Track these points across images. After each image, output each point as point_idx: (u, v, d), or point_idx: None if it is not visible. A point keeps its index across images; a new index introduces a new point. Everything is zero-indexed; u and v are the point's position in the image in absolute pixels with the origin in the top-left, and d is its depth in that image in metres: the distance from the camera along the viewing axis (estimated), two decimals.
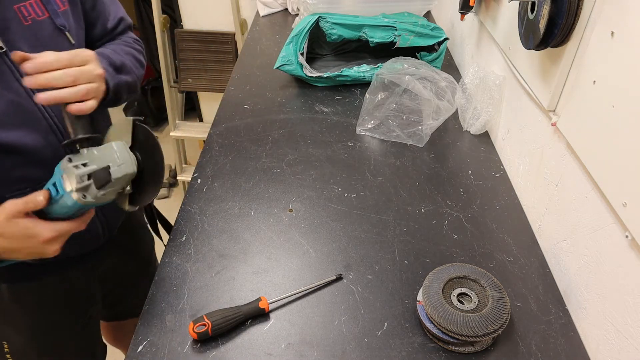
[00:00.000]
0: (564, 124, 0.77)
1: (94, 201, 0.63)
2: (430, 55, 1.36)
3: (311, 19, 1.30)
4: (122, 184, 0.65)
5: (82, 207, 0.64)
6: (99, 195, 0.62)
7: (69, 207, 0.63)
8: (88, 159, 0.63)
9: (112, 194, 0.65)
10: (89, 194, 0.62)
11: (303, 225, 0.89)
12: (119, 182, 0.64)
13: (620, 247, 0.63)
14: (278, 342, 0.69)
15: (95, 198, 0.62)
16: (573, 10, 0.70)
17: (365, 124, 1.14)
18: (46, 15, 0.72)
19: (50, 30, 0.72)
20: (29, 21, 0.69)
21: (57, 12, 0.73)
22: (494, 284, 0.71)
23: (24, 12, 0.69)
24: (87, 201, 0.62)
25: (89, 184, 0.61)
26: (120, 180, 0.64)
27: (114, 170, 0.63)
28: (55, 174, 0.64)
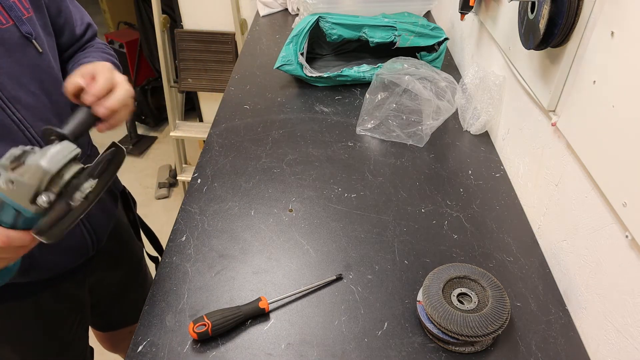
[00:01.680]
0: (564, 124, 0.77)
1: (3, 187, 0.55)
2: (430, 55, 1.36)
3: (311, 19, 1.30)
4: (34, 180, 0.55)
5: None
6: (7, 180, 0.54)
7: None
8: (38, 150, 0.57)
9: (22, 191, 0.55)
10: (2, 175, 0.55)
11: (303, 225, 0.89)
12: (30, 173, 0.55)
13: (620, 247, 0.63)
14: (278, 342, 0.69)
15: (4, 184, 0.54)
16: (573, 10, 0.70)
17: (365, 124, 1.14)
18: (10, 22, 0.68)
19: (15, 38, 0.69)
20: None
21: (21, 19, 0.70)
22: (494, 284, 0.71)
23: None
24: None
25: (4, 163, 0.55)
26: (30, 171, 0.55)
27: (33, 158, 0.55)
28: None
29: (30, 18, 0.72)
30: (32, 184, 0.55)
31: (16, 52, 0.69)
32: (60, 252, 0.83)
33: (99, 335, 1.25)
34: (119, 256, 1.08)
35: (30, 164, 0.54)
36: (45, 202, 0.56)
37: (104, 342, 1.28)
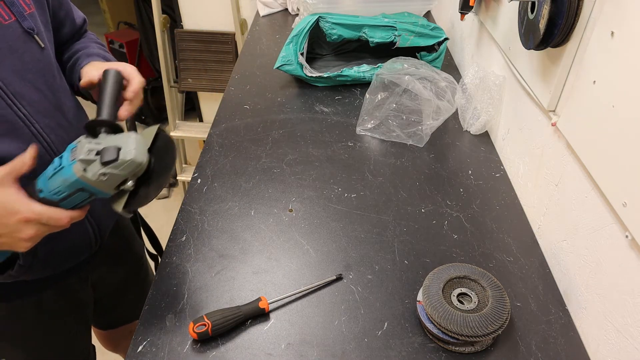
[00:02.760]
0: (564, 124, 0.77)
1: (92, 180, 0.59)
2: (430, 55, 1.36)
3: (311, 19, 1.30)
4: (126, 172, 0.60)
5: (78, 185, 0.60)
6: (99, 173, 0.59)
7: (64, 181, 0.60)
8: (103, 141, 0.61)
9: (112, 181, 0.60)
10: (91, 168, 0.59)
11: (303, 225, 0.89)
12: (124, 166, 0.59)
13: (620, 247, 0.63)
14: (278, 342, 0.69)
15: (95, 177, 0.59)
16: (573, 10, 0.70)
17: (365, 124, 1.14)
18: (12, 18, 0.68)
19: (18, 34, 0.69)
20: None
21: (23, 14, 0.70)
22: (494, 284, 0.71)
23: None
24: (86, 176, 0.59)
25: (95, 159, 0.59)
26: (127, 165, 0.59)
27: (124, 152, 0.59)
28: (67, 149, 0.62)
29: (32, 14, 0.72)
30: (124, 175, 0.60)
31: (19, 48, 0.69)
32: (65, 247, 0.83)
33: (99, 334, 1.24)
34: (121, 253, 1.08)
35: (124, 159, 0.59)
36: (131, 185, 0.62)
37: (105, 341, 1.27)
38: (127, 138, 0.61)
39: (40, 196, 0.62)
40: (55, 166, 0.61)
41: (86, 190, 0.61)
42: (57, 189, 0.61)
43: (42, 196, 0.62)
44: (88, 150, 0.59)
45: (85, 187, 0.60)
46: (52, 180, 0.61)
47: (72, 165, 0.59)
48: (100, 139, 0.62)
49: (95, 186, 0.60)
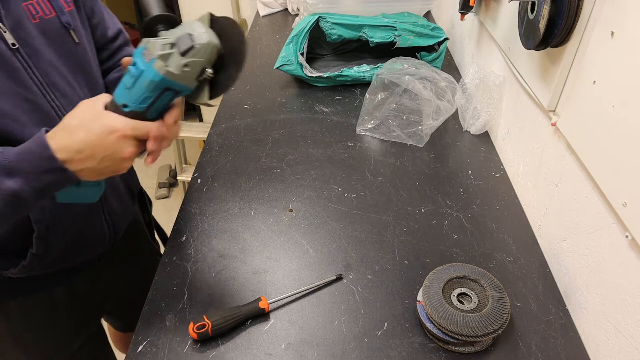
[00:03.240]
0: (564, 124, 0.77)
1: (177, 73, 0.57)
2: (430, 55, 1.36)
3: (311, 19, 1.30)
4: (205, 56, 0.59)
5: (164, 84, 0.58)
6: (182, 65, 0.57)
7: (148, 84, 0.58)
8: (170, 35, 0.59)
9: (194, 70, 0.59)
10: (172, 62, 0.57)
11: (303, 225, 0.89)
12: (203, 51, 0.58)
13: (620, 247, 0.63)
14: (278, 342, 0.69)
15: (178, 69, 0.57)
16: (573, 10, 0.70)
17: (365, 124, 1.14)
18: (53, 14, 0.71)
19: (57, 27, 0.72)
20: (37, 19, 0.69)
21: (63, 10, 0.73)
22: (494, 284, 0.71)
23: (32, 10, 0.68)
24: (170, 71, 0.57)
25: (172, 52, 0.57)
26: (205, 49, 0.58)
27: (197, 37, 0.57)
28: (135, 55, 0.60)
29: (71, 11, 0.75)
30: (203, 62, 0.59)
31: (57, 42, 0.72)
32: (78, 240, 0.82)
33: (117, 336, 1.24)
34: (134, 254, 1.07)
35: (201, 43, 0.57)
36: (210, 73, 0.60)
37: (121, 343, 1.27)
38: (191, 25, 0.59)
39: (126, 111, 0.60)
40: (132, 74, 0.59)
41: (171, 89, 0.60)
42: (142, 96, 0.59)
43: (128, 110, 0.60)
44: (161, 44, 0.57)
45: (171, 84, 0.59)
46: (135, 89, 0.59)
47: (152, 65, 0.57)
48: (164, 35, 0.59)
49: (180, 80, 0.59)
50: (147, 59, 0.58)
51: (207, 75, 0.60)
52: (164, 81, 0.58)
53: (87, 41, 0.79)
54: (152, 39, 0.58)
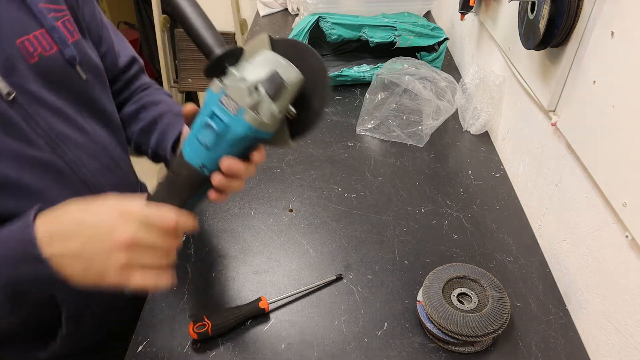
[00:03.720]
0: (564, 124, 0.77)
1: (269, 123, 0.48)
2: (430, 55, 1.36)
3: (311, 19, 1.30)
4: (291, 97, 0.50)
5: (255, 134, 0.48)
6: (274, 112, 0.48)
7: (239, 140, 0.49)
8: (246, 75, 0.48)
9: (282, 111, 0.49)
10: (264, 110, 0.47)
11: (303, 225, 0.89)
12: (291, 91, 0.49)
13: (620, 247, 0.63)
14: (278, 342, 0.69)
15: (270, 118, 0.48)
16: (573, 10, 0.70)
17: (365, 124, 1.14)
18: (54, 48, 0.60)
19: (60, 65, 0.61)
20: (35, 57, 0.58)
21: (66, 42, 0.61)
22: (494, 284, 0.71)
23: (29, 48, 0.57)
24: (262, 121, 0.47)
25: (260, 98, 0.47)
26: (294, 88, 0.49)
27: (285, 74, 0.48)
28: (208, 104, 0.49)
29: (76, 42, 0.64)
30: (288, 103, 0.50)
31: (59, 82, 0.62)
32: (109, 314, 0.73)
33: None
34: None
35: (292, 81, 0.48)
36: (294, 112, 0.51)
37: None
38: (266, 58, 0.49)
39: (206, 174, 0.51)
40: (215, 131, 0.49)
41: (258, 139, 0.50)
42: (225, 153, 0.50)
43: (207, 173, 0.51)
44: (247, 90, 0.47)
45: (261, 135, 0.49)
46: (219, 148, 0.50)
47: (242, 117, 0.47)
48: (237, 74, 0.49)
49: (269, 130, 0.49)
50: (231, 110, 0.48)
51: (290, 114, 0.51)
52: (257, 133, 0.48)
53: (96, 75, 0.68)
54: (229, 82, 0.48)
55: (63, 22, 0.61)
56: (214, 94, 0.49)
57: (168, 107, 0.77)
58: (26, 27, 0.57)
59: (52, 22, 0.59)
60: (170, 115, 0.76)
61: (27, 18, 0.57)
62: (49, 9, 0.60)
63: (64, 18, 0.62)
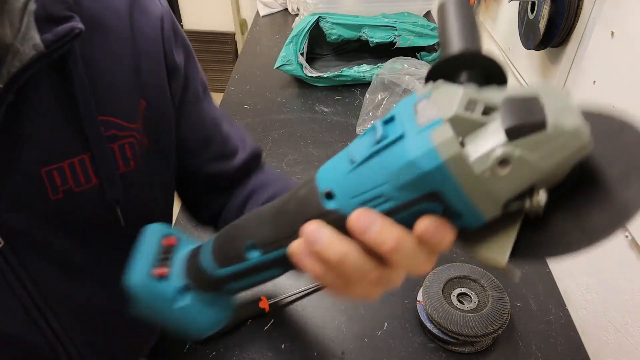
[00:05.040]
0: None
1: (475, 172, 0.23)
2: (430, 55, 1.36)
3: (311, 19, 1.30)
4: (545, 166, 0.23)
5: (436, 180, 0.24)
6: (495, 157, 0.22)
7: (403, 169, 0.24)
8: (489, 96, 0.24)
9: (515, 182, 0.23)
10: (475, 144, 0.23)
11: None
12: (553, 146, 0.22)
13: (620, 247, 0.63)
14: (278, 342, 0.69)
15: (482, 163, 0.23)
16: (573, 10, 0.70)
17: (365, 124, 1.14)
18: (93, 182, 0.43)
19: (91, 204, 0.43)
20: (59, 194, 0.41)
21: (114, 176, 0.43)
22: (494, 284, 0.71)
23: (56, 180, 0.41)
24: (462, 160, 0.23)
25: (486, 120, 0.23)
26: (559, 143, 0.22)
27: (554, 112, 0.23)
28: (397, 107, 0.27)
29: (132, 172, 0.46)
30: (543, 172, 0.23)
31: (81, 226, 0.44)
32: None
33: None
34: None
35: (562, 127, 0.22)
36: (540, 203, 0.24)
37: None
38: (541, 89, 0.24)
39: (327, 209, 0.29)
40: (374, 138, 0.26)
41: (441, 199, 0.25)
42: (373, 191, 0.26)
43: (330, 209, 0.29)
44: (465, 99, 0.24)
45: (446, 189, 0.24)
46: (365, 173, 0.27)
47: (427, 133, 0.24)
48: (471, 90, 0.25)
49: (470, 190, 0.24)
50: (421, 119, 0.25)
51: (533, 205, 0.24)
52: (436, 175, 0.23)
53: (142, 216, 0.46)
54: (447, 85, 0.26)
55: (122, 145, 0.44)
56: (412, 98, 0.27)
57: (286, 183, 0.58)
58: (64, 151, 0.41)
59: (105, 147, 0.42)
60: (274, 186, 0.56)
61: (72, 137, 0.41)
62: (111, 123, 0.43)
63: (128, 140, 0.44)
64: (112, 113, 0.43)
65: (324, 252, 0.27)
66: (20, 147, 0.38)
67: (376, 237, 0.26)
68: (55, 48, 0.36)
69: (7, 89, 0.35)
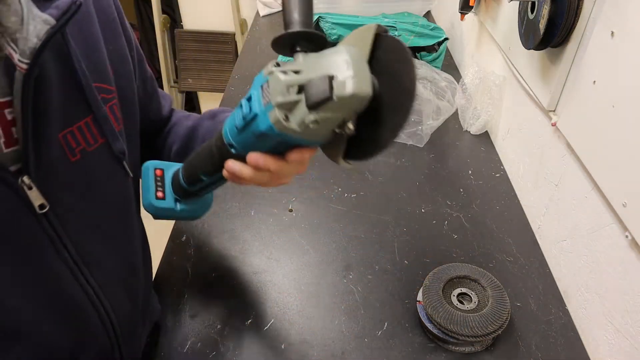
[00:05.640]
0: (564, 124, 0.77)
1: (299, 130, 0.40)
2: (430, 55, 1.36)
3: None
4: (344, 112, 0.39)
5: (278, 137, 0.42)
6: (307, 121, 0.39)
7: (260, 136, 0.43)
8: (304, 67, 0.40)
9: (325, 127, 0.40)
10: (294, 115, 0.40)
11: (303, 225, 0.89)
12: (342, 105, 0.38)
13: (620, 247, 0.63)
14: (278, 342, 0.69)
15: (300, 125, 0.39)
16: (573, 10, 0.70)
17: None
18: (100, 141, 0.49)
19: (103, 161, 0.50)
20: (76, 155, 0.46)
21: (115, 133, 0.50)
22: (494, 284, 0.71)
23: (72, 143, 0.46)
24: (289, 127, 0.40)
25: (297, 98, 0.39)
26: (345, 102, 0.38)
27: (339, 83, 0.37)
28: (254, 85, 0.44)
29: (122, 131, 0.53)
30: (341, 117, 0.40)
31: (101, 182, 0.50)
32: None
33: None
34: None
35: (341, 95, 0.37)
36: (351, 129, 0.40)
37: None
38: (337, 56, 0.39)
39: (233, 152, 0.48)
40: (244, 114, 0.44)
41: (289, 142, 0.43)
42: (251, 144, 0.45)
43: (235, 152, 0.48)
44: (286, 85, 0.40)
45: (289, 139, 0.42)
46: (243, 135, 0.45)
47: (267, 113, 0.41)
48: (297, 62, 0.41)
49: (302, 137, 0.41)
50: (264, 101, 0.42)
51: (347, 130, 0.41)
52: (279, 136, 0.42)
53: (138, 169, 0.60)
54: (278, 70, 0.41)
55: (111, 106, 0.50)
56: (261, 76, 0.43)
57: (199, 117, 0.70)
58: (73, 115, 0.46)
59: (103, 108, 0.48)
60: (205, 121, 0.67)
61: (76, 103, 0.46)
62: (100, 89, 0.49)
63: (113, 102, 0.51)
64: (98, 79, 0.49)
65: (240, 174, 0.48)
66: (42, 117, 0.42)
67: (263, 164, 0.45)
68: (65, 21, 0.40)
69: (33, 64, 0.38)
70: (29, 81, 0.39)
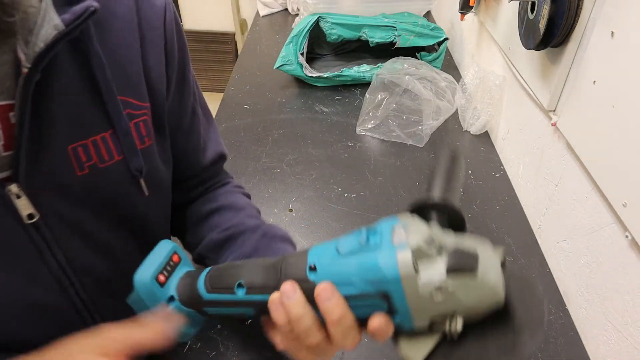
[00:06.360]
0: (564, 124, 0.77)
1: (419, 290, 0.33)
2: (430, 55, 1.36)
3: (311, 19, 1.30)
4: (470, 300, 0.34)
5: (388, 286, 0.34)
6: (434, 283, 0.33)
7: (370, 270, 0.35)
8: (443, 236, 0.36)
9: (446, 303, 0.34)
10: (425, 270, 0.34)
11: (303, 225, 0.89)
12: (476, 288, 0.33)
13: (620, 247, 0.63)
14: None
15: (424, 285, 0.33)
16: (573, 10, 0.70)
17: (365, 124, 1.14)
18: (116, 158, 0.46)
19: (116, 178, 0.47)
20: (85, 169, 0.44)
21: (135, 150, 0.47)
22: None
23: (82, 157, 0.44)
24: (414, 280, 0.33)
25: (437, 256, 0.34)
26: (480, 289, 0.33)
27: (484, 267, 0.33)
28: (380, 223, 0.38)
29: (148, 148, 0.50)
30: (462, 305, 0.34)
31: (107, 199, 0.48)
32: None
33: None
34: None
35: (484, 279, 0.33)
36: (457, 328, 0.34)
37: None
38: (482, 246, 0.36)
39: (309, 279, 0.38)
40: (362, 240, 0.37)
41: (388, 300, 0.35)
42: (346, 278, 0.36)
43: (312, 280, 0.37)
44: (428, 239, 0.34)
45: (395, 295, 0.34)
46: (343, 260, 0.37)
47: (395, 251, 0.34)
48: (435, 229, 0.37)
49: (411, 302, 0.34)
50: (395, 239, 0.35)
51: (451, 328, 0.34)
52: (392, 283, 0.34)
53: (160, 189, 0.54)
54: (419, 222, 0.37)
55: (137, 123, 0.48)
56: (394, 219, 0.38)
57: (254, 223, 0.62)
58: (89, 128, 0.44)
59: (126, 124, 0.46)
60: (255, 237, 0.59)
61: (95, 115, 0.44)
62: (126, 103, 0.46)
63: (142, 118, 0.48)
64: (126, 93, 0.46)
65: (290, 306, 0.36)
66: (48, 126, 0.41)
67: (329, 307, 0.35)
68: (75, 26, 0.38)
69: (34, 68, 0.37)
70: (28, 86, 0.38)
